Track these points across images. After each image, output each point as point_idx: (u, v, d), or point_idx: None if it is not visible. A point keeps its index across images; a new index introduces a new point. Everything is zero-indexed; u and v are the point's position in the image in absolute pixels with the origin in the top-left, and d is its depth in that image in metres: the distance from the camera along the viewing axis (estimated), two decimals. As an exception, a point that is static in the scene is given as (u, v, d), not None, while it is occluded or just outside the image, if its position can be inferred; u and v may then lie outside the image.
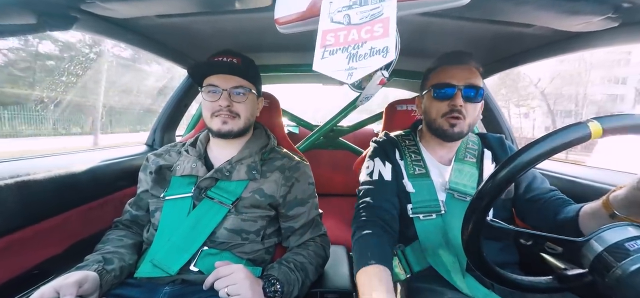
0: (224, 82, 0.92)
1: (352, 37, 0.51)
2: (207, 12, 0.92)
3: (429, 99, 0.95)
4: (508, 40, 1.06)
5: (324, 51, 0.52)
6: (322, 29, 0.54)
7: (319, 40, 0.53)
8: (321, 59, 0.52)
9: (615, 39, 0.84)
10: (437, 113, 0.92)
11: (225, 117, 0.91)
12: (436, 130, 0.93)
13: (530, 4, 0.72)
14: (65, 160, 1.04)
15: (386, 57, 0.48)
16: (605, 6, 0.69)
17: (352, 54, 0.50)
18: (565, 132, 0.49)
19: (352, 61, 0.50)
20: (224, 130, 0.92)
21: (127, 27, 1.00)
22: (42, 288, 0.65)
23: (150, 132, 1.59)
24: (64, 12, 0.79)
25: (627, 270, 0.43)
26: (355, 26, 0.52)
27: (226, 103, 0.91)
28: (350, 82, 0.50)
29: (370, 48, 0.50)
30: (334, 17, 0.54)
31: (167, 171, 0.97)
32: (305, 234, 0.97)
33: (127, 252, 0.86)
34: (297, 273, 0.83)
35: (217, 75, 0.93)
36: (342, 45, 0.52)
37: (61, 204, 0.96)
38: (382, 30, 0.50)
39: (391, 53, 0.48)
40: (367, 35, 0.51)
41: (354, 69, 0.50)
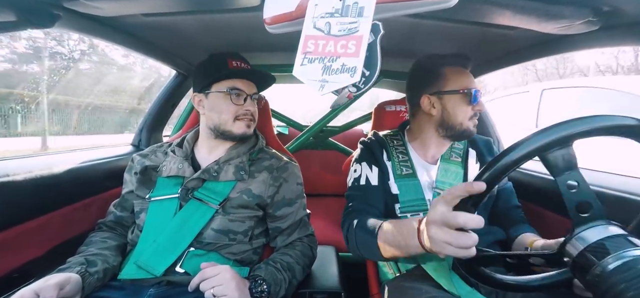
0: (248, 87, 0.97)
1: (329, 49, 0.53)
2: (195, 11, 0.90)
3: (456, 100, 0.93)
4: (494, 42, 1.08)
5: (304, 58, 0.54)
6: (304, 34, 0.55)
7: (300, 45, 0.55)
8: (300, 65, 0.54)
9: (595, 42, 0.86)
10: (465, 116, 0.93)
11: (249, 121, 0.97)
12: (462, 132, 0.94)
13: (513, 7, 0.73)
14: (47, 160, 1.01)
15: (353, 77, 0.51)
16: (585, 10, 0.71)
17: (327, 66, 0.53)
18: (546, 133, 0.50)
19: (325, 73, 0.53)
20: (248, 133, 0.97)
21: (113, 26, 0.98)
22: (22, 291, 0.64)
23: (137, 132, 1.56)
24: (45, 9, 0.77)
25: (607, 268, 0.44)
26: (333, 38, 0.54)
27: (253, 108, 0.98)
28: (321, 94, 0.53)
29: (342, 64, 0.52)
30: (317, 22, 0.55)
31: (153, 172, 0.96)
32: (292, 234, 0.97)
33: (111, 254, 0.84)
34: (284, 274, 0.83)
35: (241, 80, 0.96)
36: (319, 54, 0.54)
37: (43, 205, 0.94)
38: (355, 48, 0.52)
39: (357, 74, 0.51)
40: (342, 51, 0.53)
41: (326, 82, 0.53)
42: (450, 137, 0.97)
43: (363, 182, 0.96)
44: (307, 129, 2.01)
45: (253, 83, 1.00)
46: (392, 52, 1.31)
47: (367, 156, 1.01)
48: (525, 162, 0.52)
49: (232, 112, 0.94)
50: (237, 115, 0.94)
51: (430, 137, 1.00)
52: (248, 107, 0.96)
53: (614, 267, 0.44)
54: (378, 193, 0.95)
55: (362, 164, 0.99)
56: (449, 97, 0.94)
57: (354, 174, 0.99)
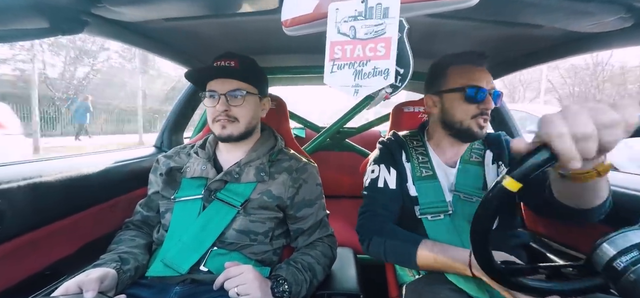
0: (221, 86, 0.91)
1: (357, 54, 0.54)
2: (214, 15, 0.92)
3: (454, 99, 0.91)
4: (517, 41, 1.05)
5: (333, 65, 0.55)
6: (330, 40, 0.55)
7: (327, 52, 0.55)
8: (330, 73, 0.55)
9: (628, 40, 0.82)
10: (465, 114, 0.90)
11: (224, 122, 0.91)
12: (464, 131, 0.91)
13: (540, 5, 0.71)
14: (75, 162, 1.05)
15: (387, 79, 0.51)
16: (617, 6, 0.68)
17: (358, 71, 0.53)
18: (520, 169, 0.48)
19: (357, 78, 0.53)
20: (223, 135, 0.92)
21: (136, 31, 1.02)
22: (65, 283, 0.68)
23: (159, 134, 1.60)
24: (75, 16, 0.80)
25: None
26: (360, 41, 0.53)
27: (223, 108, 0.90)
28: (356, 98, 0.54)
29: (373, 67, 0.52)
30: (340, 27, 0.55)
31: (178, 173, 0.98)
32: (313, 234, 0.97)
33: (140, 252, 0.87)
34: (305, 274, 0.83)
35: (215, 80, 0.93)
36: (348, 60, 0.54)
37: (72, 206, 0.98)
38: (384, 51, 0.52)
39: (391, 76, 0.51)
40: (371, 54, 0.53)
41: (360, 87, 0.53)
42: (456, 137, 0.95)
43: (381, 185, 0.95)
44: (324, 131, 2.00)
45: (235, 80, 0.92)
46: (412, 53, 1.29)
47: (385, 158, 1.00)
48: None
49: (210, 115, 0.93)
50: (213, 118, 0.92)
51: (441, 137, 0.99)
52: (218, 107, 0.90)
53: None
54: (396, 196, 0.94)
55: (381, 166, 0.98)
56: (447, 95, 0.93)
57: (372, 175, 0.98)
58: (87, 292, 0.66)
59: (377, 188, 0.95)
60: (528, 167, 0.47)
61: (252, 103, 0.96)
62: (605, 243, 0.48)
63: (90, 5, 0.76)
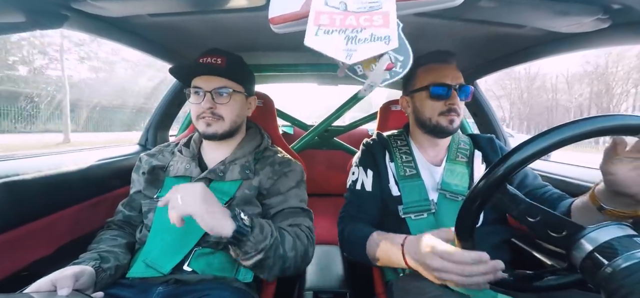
0: (207, 83, 0.90)
1: (349, 22, 0.49)
2: (200, 11, 0.91)
3: (423, 98, 0.95)
4: (501, 40, 1.07)
5: (318, 29, 0.49)
6: (314, 10, 0.51)
7: (311, 18, 0.50)
8: (315, 36, 0.49)
9: (606, 40, 0.85)
10: (433, 111, 0.93)
11: (208, 119, 0.90)
12: (433, 127, 0.94)
13: (522, 4, 0.73)
14: (55, 160, 1.02)
15: (389, 44, 0.47)
16: (596, 7, 0.70)
17: (351, 37, 0.48)
18: (557, 131, 0.49)
19: (351, 43, 0.48)
20: (208, 132, 0.91)
21: (119, 26, 0.99)
22: (39, 281, 0.65)
23: (143, 132, 1.57)
24: (53, 10, 0.78)
25: (617, 269, 0.44)
26: (352, 13, 0.50)
27: (208, 105, 0.89)
28: (349, 62, 0.48)
29: (371, 34, 0.47)
30: (328, 1, 0.51)
31: (161, 171, 0.96)
32: (288, 218, 0.91)
33: (122, 252, 0.85)
34: (273, 230, 0.78)
35: (200, 76, 0.91)
36: (338, 27, 0.49)
37: (51, 204, 0.95)
38: (382, 21, 0.48)
39: (394, 41, 0.47)
40: (367, 23, 0.48)
41: (354, 51, 0.47)
42: (430, 134, 0.98)
43: (358, 187, 0.98)
44: (312, 129, 2.00)
45: (221, 77, 0.91)
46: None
47: (365, 160, 1.02)
48: (538, 158, 0.51)
49: (195, 112, 0.92)
50: (197, 115, 0.91)
51: (419, 135, 1.02)
52: (203, 104, 0.89)
53: (623, 267, 0.43)
54: (372, 199, 0.96)
55: (359, 168, 1.00)
56: (416, 95, 0.97)
57: (352, 176, 1.01)
58: (61, 289, 0.64)
59: (355, 191, 0.98)
60: None
61: (238, 101, 0.95)
62: (582, 240, 0.49)
63: None
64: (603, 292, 0.46)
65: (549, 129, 0.50)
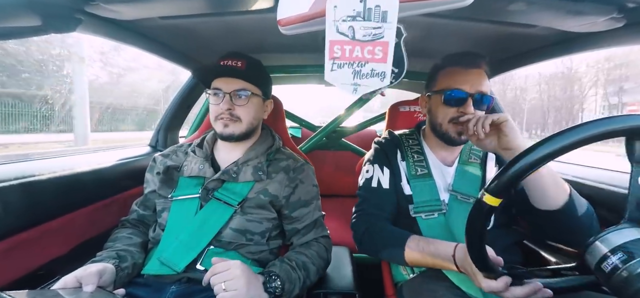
0: (227, 85, 0.92)
1: (356, 54, 0.56)
2: (210, 14, 0.92)
3: (436, 102, 0.93)
4: (511, 40, 1.05)
5: (333, 64, 0.57)
6: (329, 39, 0.56)
7: (327, 51, 0.57)
8: (331, 71, 0.57)
9: (620, 40, 0.84)
10: (443, 117, 0.91)
11: (226, 120, 0.92)
12: (442, 134, 0.93)
13: (534, 4, 0.72)
14: (70, 161, 1.04)
15: (383, 81, 0.56)
16: (610, 6, 0.69)
17: (357, 71, 0.57)
18: (573, 132, 0.48)
19: (356, 77, 0.57)
20: (225, 133, 0.93)
21: (131, 29, 1.01)
22: (64, 278, 0.67)
23: (154, 133, 1.59)
24: (68, 14, 0.80)
25: (633, 272, 0.43)
26: (359, 43, 0.56)
27: (227, 106, 0.91)
28: (355, 96, 0.59)
29: (371, 69, 0.56)
30: (339, 26, 0.56)
31: (175, 172, 0.98)
32: (308, 234, 0.97)
33: (137, 251, 0.87)
34: (298, 272, 0.83)
35: (221, 78, 0.93)
36: (347, 59, 0.57)
37: (66, 205, 0.97)
38: (382, 54, 0.55)
39: (387, 79, 0.56)
40: (369, 56, 0.56)
41: (358, 86, 0.57)
42: (440, 139, 0.95)
43: (374, 184, 0.96)
44: (320, 130, 2.01)
45: (240, 79, 0.93)
46: (407, 52, 1.29)
47: (379, 157, 1.00)
48: (555, 157, 0.50)
49: (214, 113, 0.94)
50: (216, 115, 0.93)
51: (432, 137, 1.00)
52: (222, 105, 0.91)
53: None
54: (389, 196, 0.95)
55: (374, 166, 0.99)
56: (433, 97, 0.95)
57: (366, 174, 0.99)
58: (86, 285, 0.66)
59: (371, 188, 0.96)
60: (503, 179, 0.50)
61: (256, 104, 0.97)
62: (597, 242, 0.49)
63: (84, 3, 0.75)
64: (618, 295, 0.45)
65: (562, 130, 0.49)
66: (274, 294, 0.75)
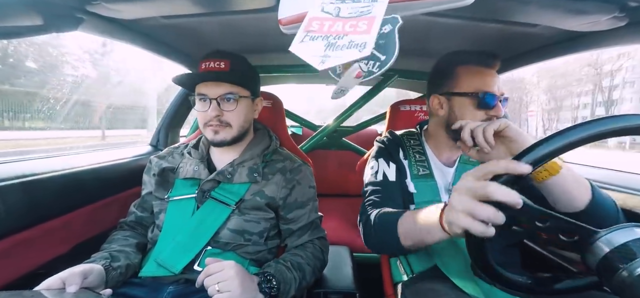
0: (213, 90, 0.89)
1: (335, 29, 0.50)
2: (211, 13, 0.92)
3: (465, 104, 0.87)
4: (513, 40, 1.05)
5: (306, 35, 0.51)
6: (309, 16, 0.53)
7: (304, 24, 0.52)
8: (300, 42, 0.51)
9: (621, 39, 0.83)
10: (472, 119, 0.83)
11: (216, 127, 0.89)
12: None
13: (535, 3, 0.71)
14: (70, 160, 1.04)
15: (362, 51, 0.47)
16: (612, 5, 0.69)
17: (331, 43, 0.49)
18: (574, 131, 0.48)
19: (328, 49, 0.49)
20: (216, 140, 0.91)
21: (132, 28, 1.01)
22: (49, 279, 0.67)
23: (155, 132, 1.60)
24: (69, 14, 0.80)
25: (634, 272, 0.43)
26: (341, 19, 0.51)
27: (215, 113, 0.88)
28: (321, 68, 0.49)
29: (349, 41, 0.49)
30: (325, 7, 0.53)
31: (170, 173, 0.98)
32: (303, 236, 0.96)
33: (133, 251, 0.87)
34: (294, 272, 0.82)
35: (205, 83, 0.90)
36: (324, 33, 0.51)
37: (66, 205, 0.97)
38: (366, 27, 0.49)
39: (368, 49, 0.47)
40: (351, 29, 0.50)
41: (328, 57, 0.48)
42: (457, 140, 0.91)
43: (380, 177, 0.93)
44: (321, 129, 2.00)
45: (226, 83, 0.89)
46: (408, 51, 1.29)
47: (384, 153, 0.99)
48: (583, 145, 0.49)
49: (201, 119, 0.91)
50: (204, 123, 0.91)
51: (442, 138, 0.96)
52: (210, 112, 0.88)
53: None
54: (396, 188, 0.92)
55: (379, 160, 0.97)
56: (457, 98, 0.88)
57: (371, 170, 0.97)
58: (69, 286, 0.66)
59: (377, 181, 0.93)
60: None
61: (245, 106, 0.94)
62: (598, 242, 0.48)
63: (85, 2, 0.76)
64: (620, 294, 0.45)
65: (562, 129, 0.49)
66: (269, 294, 0.74)
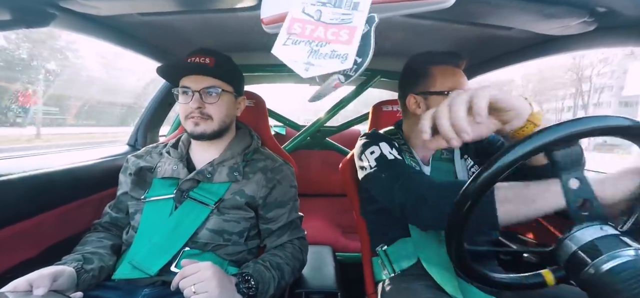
0: (196, 83, 0.90)
1: (317, 34, 0.51)
2: (192, 11, 0.90)
3: (440, 101, 0.82)
4: (491, 42, 1.08)
5: (288, 38, 0.51)
6: (291, 16, 0.53)
7: (285, 25, 0.52)
8: (283, 45, 0.51)
9: (591, 43, 0.87)
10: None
11: (197, 119, 0.89)
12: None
13: (509, 7, 0.74)
14: (42, 160, 1.00)
15: (344, 63, 0.48)
16: (581, 10, 0.71)
17: (314, 51, 0.50)
18: (551, 131, 0.49)
19: (312, 57, 0.50)
20: (196, 132, 0.90)
21: (109, 25, 0.98)
22: (15, 281, 0.64)
23: (133, 132, 1.55)
24: (40, 9, 0.76)
25: (600, 269, 0.45)
26: (323, 24, 0.51)
27: (197, 105, 0.89)
28: (305, 76, 0.49)
29: (331, 50, 0.49)
30: (306, 8, 0.53)
31: (148, 173, 0.95)
32: (283, 236, 0.95)
33: (107, 253, 0.84)
34: (273, 272, 0.82)
35: (189, 76, 0.91)
36: (307, 38, 0.51)
37: (37, 206, 0.93)
38: (347, 37, 0.49)
39: (349, 61, 0.48)
40: (333, 37, 0.50)
41: (312, 66, 0.49)
42: None
43: (391, 157, 0.86)
44: (304, 129, 2.00)
45: (210, 77, 0.90)
46: (389, 52, 1.31)
47: (380, 138, 0.93)
48: (529, 158, 0.50)
49: (183, 112, 0.91)
50: (185, 115, 0.91)
51: (418, 138, 0.97)
52: (191, 104, 0.89)
53: (607, 267, 0.44)
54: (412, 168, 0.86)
55: (380, 144, 0.90)
56: (433, 97, 0.90)
57: (372, 155, 0.89)
58: (37, 288, 0.63)
59: (390, 161, 0.85)
60: None
61: (227, 101, 0.94)
62: (567, 240, 0.50)
63: None
64: (587, 290, 0.47)
65: (542, 128, 0.50)
66: (247, 295, 0.74)
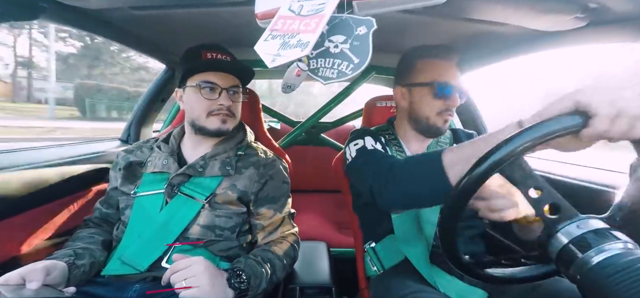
0: (223, 80, 0.91)
1: (292, 27, 0.53)
2: (184, 5, 0.89)
3: (424, 94, 0.90)
4: (484, 38, 1.08)
5: (269, 34, 0.53)
6: (279, 14, 0.55)
7: (271, 23, 0.55)
8: (264, 41, 0.53)
9: (584, 38, 0.87)
10: (431, 110, 0.90)
11: (224, 116, 0.91)
12: (429, 127, 0.92)
13: (502, 3, 0.74)
14: (32, 155, 0.99)
15: (304, 50, 0.50)
16: (573, 6, 0.72)
17: (285, 42, 0.52)
18: (545, 125, 0.49)
19: (281, 48, 0.52)
20: (223, 129, 0.91)
21: (100, 19, 0.97)
22: (7, 274, 0.63)
23: (126, 127, 1.53)
24: (29, 1, 0.75)
25: (590, 262, 0.45)
26: (300, 17, 0.53)
27: (228, 103, 0.91)
28: (270, 66, 0.51)
29: (298, 39, 0.51)
30: (292, 5, 0.55)
31: (138, 167, 0.95)
32: (275, 232, 0.95)
33: (98, 249, 0.83)
34: (264, 267, 0.81)
35: (214, 72, 0.90)
36: (283, 31, 0.53)
37: (28, 201, 0.92)
38: (314, 25, 0.51)
39: (308, 49, 0.50)
40: (303, 28, 0.52)
41: (279, 56, 0.51)
42: (421, 132, 0.95)
43: (370, 148, 0.87)
44: (299, 125, 2.00)
45: (232, 75, 0.93)
46: (383, 48, 1.31)
47: (366, 133, 0.94)
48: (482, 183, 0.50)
49: (205, 107, 0.90)
50: (210, 111, 0.90)
51: (408, 130, 0.98)
52: (222, 101, 0.90)
53: (597, 261, 0.45)
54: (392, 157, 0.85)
55: (365, 138, 0.91)
56: (417, 89, 0.92)
57: (356, 146, 0.90)
58: (30, 282, 0.63)
59: (368, 150, 0.87)
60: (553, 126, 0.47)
61: (240, 100, 0.98)
62: (558, 234, 0.51)
63: None
64: (576, 282, 0.48)
65: (537, 123, 0.50)
66: (239, 289, 0.73)
